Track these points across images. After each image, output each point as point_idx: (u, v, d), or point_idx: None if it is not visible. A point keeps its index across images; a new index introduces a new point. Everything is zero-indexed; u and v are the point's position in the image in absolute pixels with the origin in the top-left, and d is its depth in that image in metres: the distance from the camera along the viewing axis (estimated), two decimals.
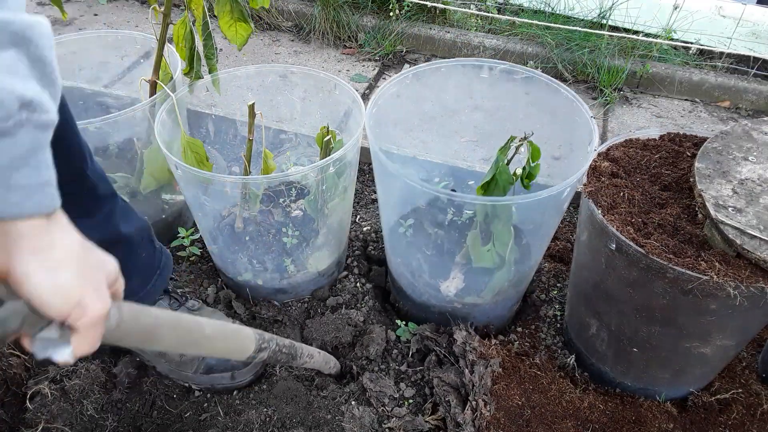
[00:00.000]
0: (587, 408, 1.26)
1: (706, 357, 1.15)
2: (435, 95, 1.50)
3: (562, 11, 2.61)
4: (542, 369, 1.32)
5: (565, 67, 2.47)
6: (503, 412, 1.21)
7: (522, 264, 1.38)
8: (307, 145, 1.76)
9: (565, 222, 1.80)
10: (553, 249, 1.67)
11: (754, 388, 1.31)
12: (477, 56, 2.62)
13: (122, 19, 2.79)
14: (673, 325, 1.08)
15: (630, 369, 1.26)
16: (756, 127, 1.16)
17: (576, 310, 1.33)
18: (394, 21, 2.65)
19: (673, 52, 2.47)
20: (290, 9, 2.79)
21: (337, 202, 1.37)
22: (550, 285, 1.57)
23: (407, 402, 1.30)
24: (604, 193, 1.10)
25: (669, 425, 1.24)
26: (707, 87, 2.38)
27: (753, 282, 0.93)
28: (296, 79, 1.51)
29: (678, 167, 1.17)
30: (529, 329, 1.47)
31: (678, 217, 1.06)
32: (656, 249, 0.98)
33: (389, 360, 1.38)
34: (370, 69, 2.55)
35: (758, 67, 2.40)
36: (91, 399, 1.23)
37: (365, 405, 1.27)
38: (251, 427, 1.21)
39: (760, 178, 1.04)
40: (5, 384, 1.25)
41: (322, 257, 1.48)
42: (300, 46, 2.72)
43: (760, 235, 0.94)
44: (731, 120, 2.31)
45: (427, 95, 1.49)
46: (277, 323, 1.46)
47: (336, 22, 2.67)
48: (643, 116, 2.32)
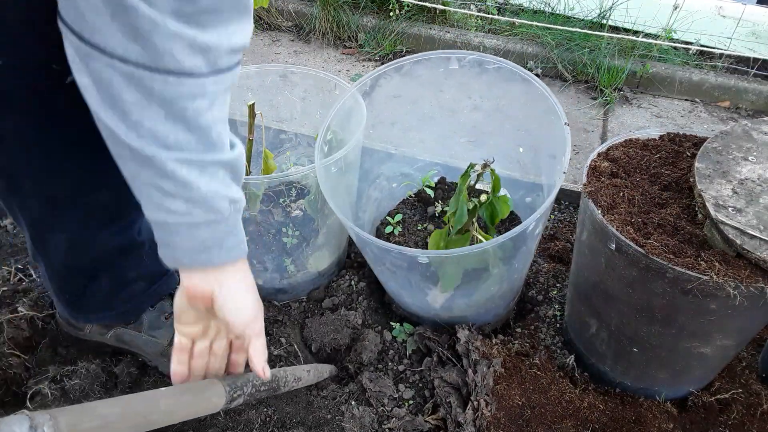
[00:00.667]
0: (587, 408, 1.26)
1: (706, 357, 1.15)
2: (407, 93, 1.46)
3: (562, 11, 2.61)
4: (542, 369, 1.33)
5: (565, 67, 2.47)
6: (504, 412, 1.21)
7: (507, 277, 1.33)
8: (307, 145, 1.76)
9: (565, 222, 1.80)
10: (552, 249, 1.67)
11: (754, 388, 1.31)
12: None
13: None
14: (673, 325, 1.08)
15: (630, 369, 1.26)
16: (756, 127, 1.16)
17: (576, 310, 1.33)
18: (394, 21, 2.65)
19: (673, 52, 2.47)
20: (290, 9, 2.79)
21: None
22: (549, 285, 1.57)
23: (407, 403, 1.30)
24: (603, 193, 1.10)
25: (669, 425, 1.24)
26: (707, 87, 2.38)
27: (753, 282, 0.93)
28: (296, 79, 1.51)
29: (678, 167, 1.17)
30: (529, 329, 1.47)
31: (678, 217, 1.07)
32: (656, 249, 0.98)
33: (387, 360, 1.38)
34: (370, 69, 2.55)
35: (758, 67, 2.40)
36: (91, 399, 1.23)
37: (365, 405, 1.27)
38: (251, 427, 1.21)
39: (760, 178, 1.04)
40: (5, 384, 1.25)
41: (322, 257, 1.48)
42: (300, 46, 2.72)
43: (760, 235, 0.94)
44: (731, 120, 2.31)
45: (403, 92, 1.47)
46: (277, 323, 1.46)
47: (336, 22, 2.67)
48: (643, 116, 2.32)
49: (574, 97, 2.41)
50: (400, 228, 1.52)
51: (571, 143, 2.12)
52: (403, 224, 1.54)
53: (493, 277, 1.24)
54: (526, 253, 1.27)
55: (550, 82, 2.50)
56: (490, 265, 1.19)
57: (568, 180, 1.95)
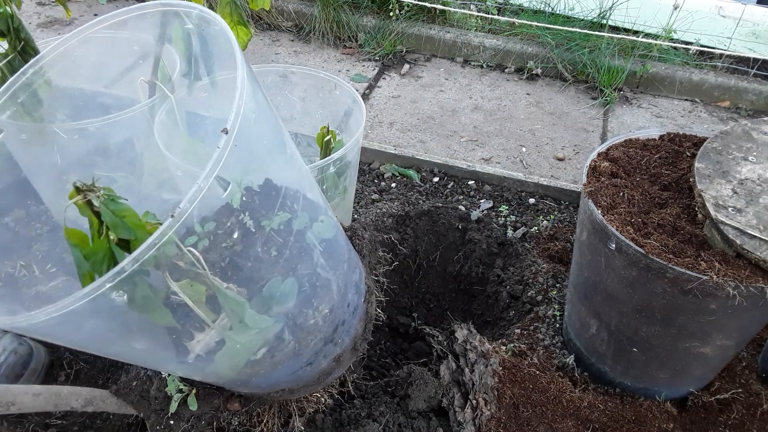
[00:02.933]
0: (587, 407, 1.26)
1: (706, 357, 1.15)
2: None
3: (562, 11, 2.61)
4: (541, 369, 1.33)
5: (565, 67, 2.47)
6: (503, 410, 1.21)
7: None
8: (307, 145, 1.76)
9: (565, 222, 1.80)
10: (552, 249, 1.67)
11: (754, 388, 1.31)
12: (477, 56, 2.62)
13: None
14: (673, 325, 1.08)
15: (630, 369, 1.26)
16: (756, 127, 1.16)
17: (575, 310, 1.33)
18: (394, 21, 2.65)
19: (673, 52, 2.47)
20: (290, 9, 2.79)
21: (337, 202, 1.37)
22: (548, 285, 1.57)
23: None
24: (603, 193, 1.10)
25: (669, 425, 1.24)
26: (707, 87, 2.38)
27: (753, 282, 0.93)
28: (296, 79, 1.51)
29: (678, 167, 1.17)
30: (528, 330, 1.47)
31: (678, 217, 1.06)
32: (656, 249, 0.98)
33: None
34: (370, 69, 2.55)
35: (758, 67, 2.40)
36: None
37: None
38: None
39: (760, 178, 1.04)
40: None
41: None
42: (300, 46, 2.72)
43: (760, 235, 0.94)
44: (731, 120, 2.31)
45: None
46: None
47: (336, 22, 2.67)
48: (643, 116, 2.32)
49: (574, 97, 2.41)
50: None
51: (571, 143, 2.13)
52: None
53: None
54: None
55: (550, 82, 2.50)
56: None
57: (568, 180, 1.95)
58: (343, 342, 0.90)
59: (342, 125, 1.52)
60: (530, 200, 1.88)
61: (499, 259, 1.71)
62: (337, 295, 0.82)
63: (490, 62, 2.61)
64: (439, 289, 1.80)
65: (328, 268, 0.79)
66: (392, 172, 1.98)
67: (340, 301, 0.83)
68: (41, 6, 2.90)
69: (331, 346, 0.87)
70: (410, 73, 2.55)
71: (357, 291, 0.91)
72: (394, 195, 1.88)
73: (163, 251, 0.53)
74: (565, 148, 2.11)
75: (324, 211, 0.82)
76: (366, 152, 2.02)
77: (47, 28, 2.70)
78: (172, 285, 0.59)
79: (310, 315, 0.78)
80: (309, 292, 0.77)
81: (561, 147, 2.11)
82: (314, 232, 0.76)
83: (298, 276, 0.72)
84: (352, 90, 1.38)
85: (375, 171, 2.00)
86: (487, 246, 1.72)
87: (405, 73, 2.54)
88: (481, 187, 1.94)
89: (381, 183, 1.95)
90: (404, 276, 1.79)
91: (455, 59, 2.66)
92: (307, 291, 0.76)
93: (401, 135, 2.17)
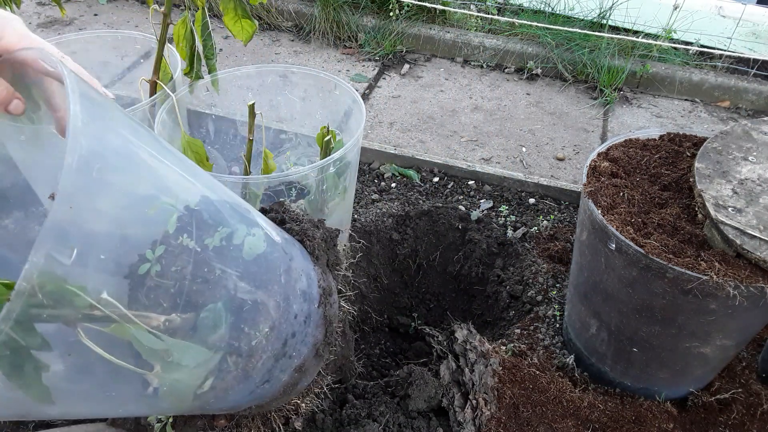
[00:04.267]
0: (587, 407, 1.26)
1: (706, 357, 1.15)
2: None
3: (562, 11, 2.61)
4: (541, 369, 1.33)
5: (565, 67, 2.47)
6: (503, 410, 1.21)
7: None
8: (307, 145, 1.76)
9: (565, 222, 1.80)
10: (552, 249, 1.67)
11: (754, 388, 1.31)
12: (477, 56, 2.62)
13: (122, 19, 2.79)
14: (673, 325, 1.08)
15: (630, 369, 1.26)
16: (756, 127, 1.16)
17: (575, 310, 1.33)
18: (394, 21, 2.65)
19: (673, 52, 2.47)
20: (290, 9, 2.79)
21: (337, 202, 1.37)
22: (548, 285, 1.57)
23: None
24: (603, 193, 1.10)
25: (669, 425, 1.24)
26: (707, 87, 2.38)
27: (753, 282, 0.93)
28: (296, 79, 1.51)
29: (678, 167, 1.17)
30: (528, 330, 1.47)
31: (678, 217, 1.07)
32: (656, 249, 0.98)
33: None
34: (370, 69, 2.55)
35: (758, 67, 2.40)
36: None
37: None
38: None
39: (760, 178, 1.04)
40: None
41: None
42: (300, 46, 2.72)
43: (760, 235, 0.94)
44: (731, 120, 2.31)
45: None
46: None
47: (336, 22, 2.67)
48: (643, 116, 2.32)
49: (574, 97, 2.41)
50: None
51: (571, 143, 2.13)
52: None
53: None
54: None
55: (550, 82, 2.50)
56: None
57: (568, 180, 1.95)
58: (301, 353, 0.84)
59: (342, 125, 1.52)
60: (530, 200, 1.88)
61: (499, 259, 1.71)
62: (275, 311, 0.75)
63: (490, 62, 2.61)
64: (439, 289, 1.80)
65: (255, 287, 0.73)
66: (392, 172, 1.98)
67: (282, 316, 0.77)
68: (41, 6, 2.90)
69: (286, 359, 0.81)
70: (410, 73, 2.55)
71: (306, 299, 0.84)
72: (394, 195, 1.88)
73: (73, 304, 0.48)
74: (565, 148, 2.11)
75: (251, 223, 0.74)
76: (366, 152, 2.02)
77: (47, 28, 2.70)
78: (89, 343, 0.52)
79: (252, 336, 0.72)
80: (240, 315, 0.71)
81: (561, 147, 2.11)
82: (233, 249, 0.69)
83: (224, 301, 0.67)
84: (352, 90, 1.38)
85: (375, 171, 2.00)
86: (487, 246, 1.73)
87: (405, 73, 2.54)
88: (481, 187, 1.94)
89: (381, 183, 1.95)
90: (404, 276, 1.79)
91: (455, 59, 2.66)
92: (238, 314, 0.70)
93: (401, 135, 2.18)
